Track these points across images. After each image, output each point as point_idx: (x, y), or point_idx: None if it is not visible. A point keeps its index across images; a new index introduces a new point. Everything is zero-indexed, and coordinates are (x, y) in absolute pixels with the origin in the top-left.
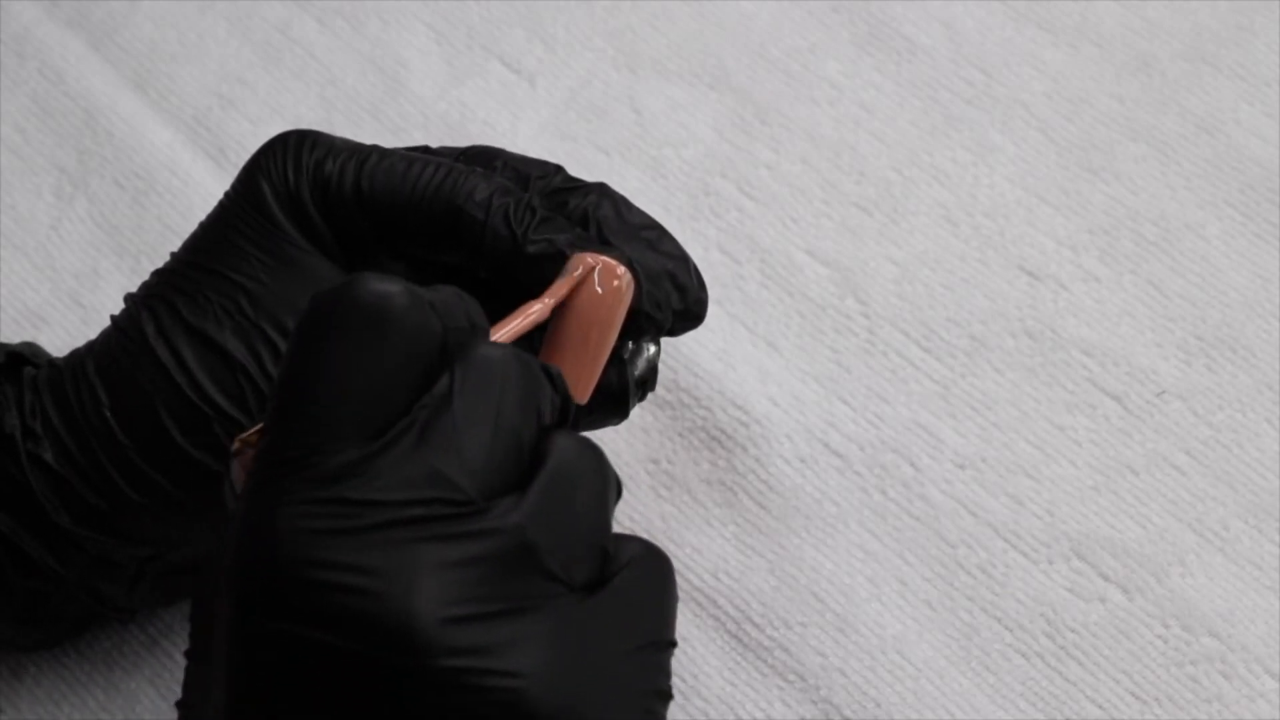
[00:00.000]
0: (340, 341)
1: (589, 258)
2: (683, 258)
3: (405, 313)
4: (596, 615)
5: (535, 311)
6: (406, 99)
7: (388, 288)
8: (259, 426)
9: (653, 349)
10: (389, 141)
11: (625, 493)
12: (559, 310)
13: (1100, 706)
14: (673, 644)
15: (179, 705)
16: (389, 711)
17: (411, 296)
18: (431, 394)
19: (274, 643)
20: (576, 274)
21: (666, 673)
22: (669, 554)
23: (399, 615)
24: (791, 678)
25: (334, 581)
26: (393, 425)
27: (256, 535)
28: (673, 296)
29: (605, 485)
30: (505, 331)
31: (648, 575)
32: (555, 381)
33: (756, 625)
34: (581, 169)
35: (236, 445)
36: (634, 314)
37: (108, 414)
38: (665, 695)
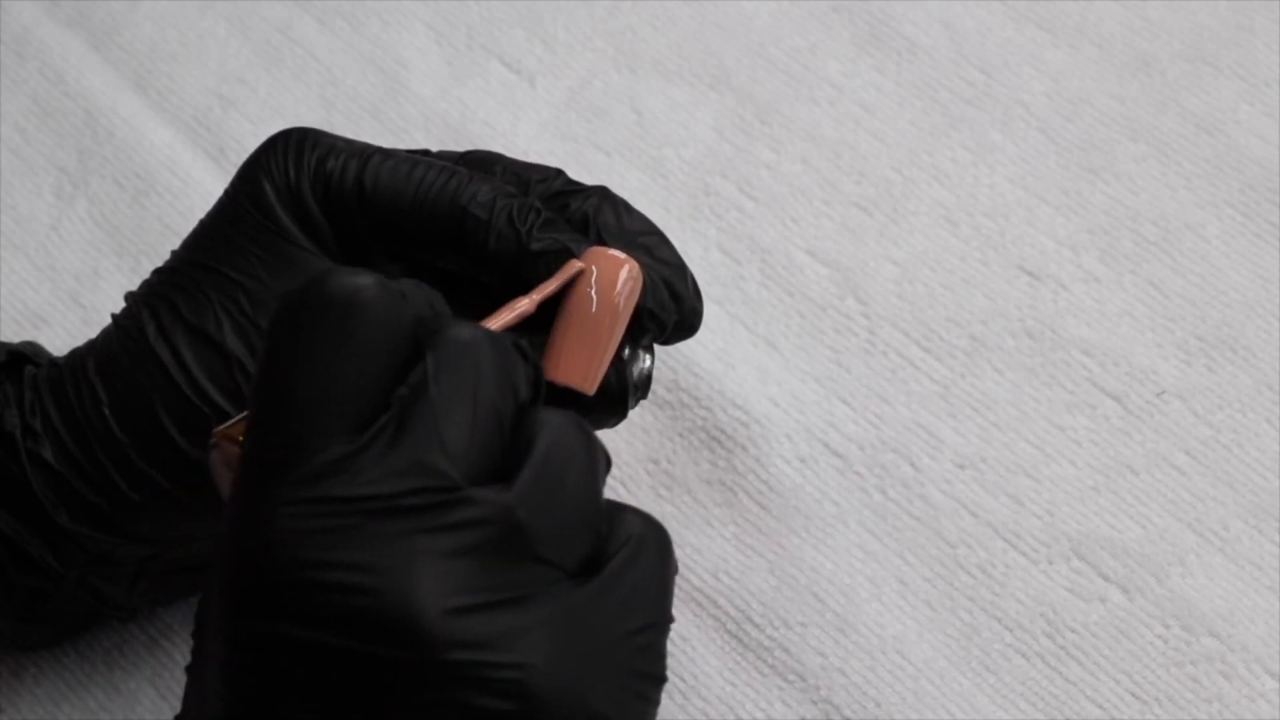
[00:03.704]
0: (315, 337)
1: (599, 249)
2: (680, 266)
3: (377, 304)
4: (595, 600)
5: (522, 306)
6: (406, 99)
7: (358, 280)
8: (237, 419)
9: (648, 360)
10: (389, 142)
11: (626, 492)
12: (570, 299)
13: (1100, 706)
14: (670, 621)
15: (188, 670)
16: (394, 707)
17: (382, 287)
18: (408, 382)
19: (274, 646)
20: (572, 273)
21: (662, 655)
22: None
23: (400, 610)
24: (791, 678)
25: (331, 581)
26: (373, 417)
27: (249, 539)
28: (669, 304)
29: (594, 460)
30: (490, 325)
31: (645, 555)
32: (527, 355)
33: (756, 625)
34: (582, 169)
35: (214, 438)
36: (638, 311)
37: (107, 413)
38: (660, 679)
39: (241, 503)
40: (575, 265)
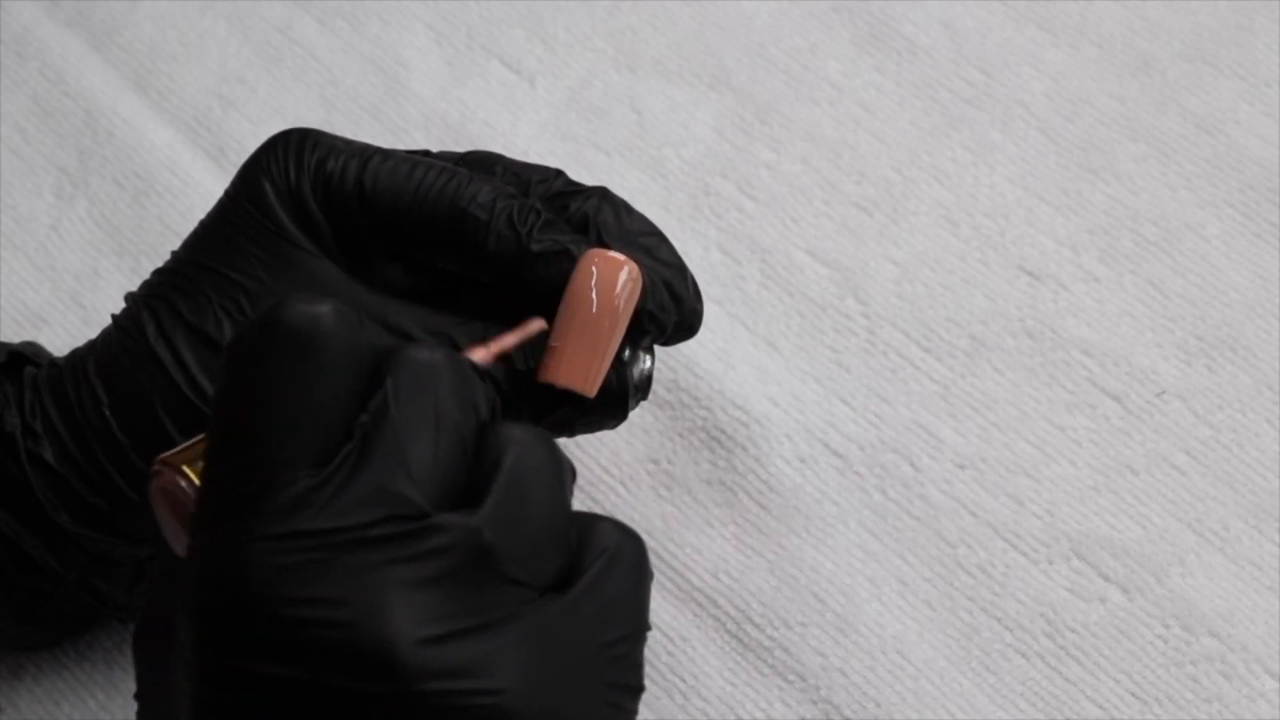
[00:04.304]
0: (275, 367)
1: (598, 251)
2: (680, 267)
3: (336, 331)
4: (568, 616)
5: (478, 356)
6: (406, 99)
7: (316, 308)
8: (183, 446)
9: (648, 361)
10: (389, 142)
11: (626, 492)
12: (570, 301)
13: (1100, 706)
14: (647, 630)
15: (137, 697)
16: None
17: (339, 314)
18: (369, 408)
19: (247, 682)
20: (526, 329)
21: (639, 665)
22: (669, 554)
23: (375, 642)
24: (791, 678)
25: (304, 616)
26: (337, 446)
27: (218, 575)
28: (669, 305)
29: (560, 473)
30: (505, 340)
31: (620, 565)
32: (483, 374)
33: (756, 625)
34: (582, 169)
35: (157, 465)
36: (638, 313)
37: (107, 413)
38: (638, 689)
39: (208, 537)
40: (597, 255)
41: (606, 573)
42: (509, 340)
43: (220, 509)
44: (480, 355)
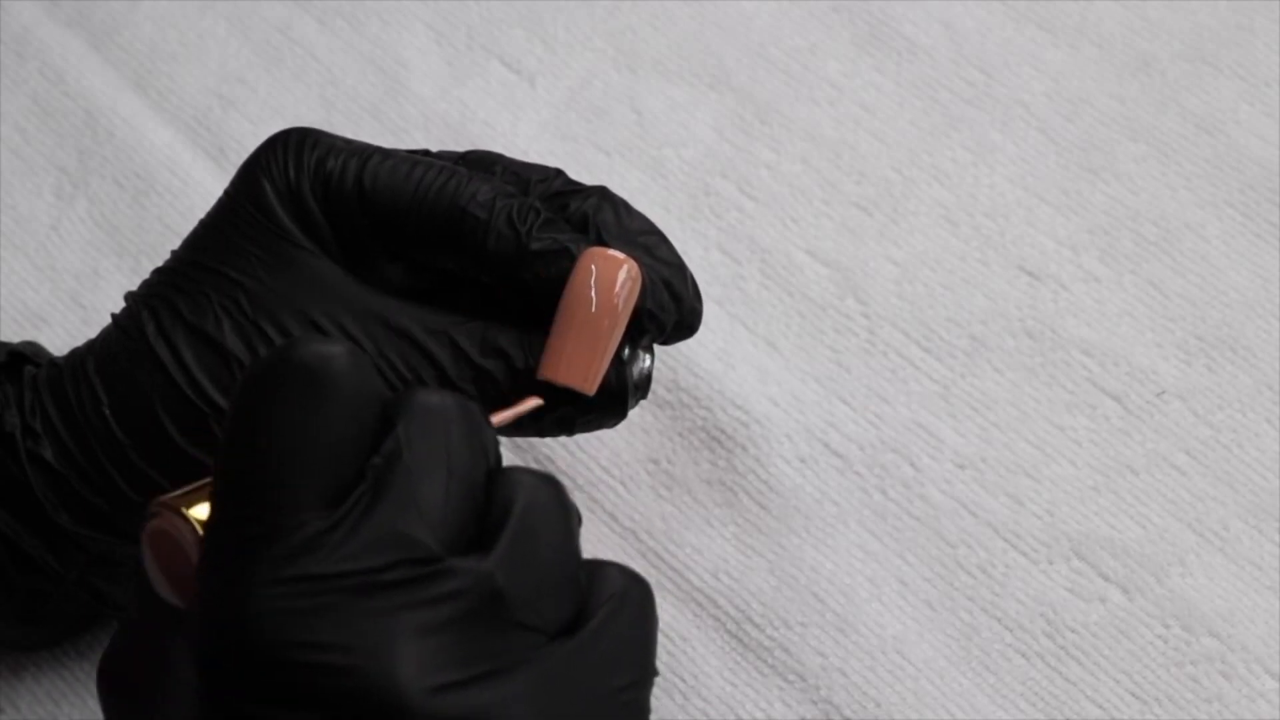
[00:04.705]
0: (287, 407)
1: (598, 250)
2: (679, 266)
3: (349, 373)
4: (577, 660)
5: (532, 404)
6: (406, 99)
7: (329, 349)
8: (182, 491)
9: (648, 360)
10: (389, 142)
11: (625, 492)
12: (570, 299)
13: (1100, 706)
14: (654, 675)
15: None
16: None
17: (353, 356)
18: (381, 451)
19: None
20: (523, 406)
21: (646, 710)
22: (669, 554)
23: (385, 691)
24: (791, 678)
25: (313, 661)
26: (348, 488)
27: (226, 617)
28: (669, 304)
29: (569, 518)
30: (505, 415)
31: (627, 610)
32: (489, 420)
33: (756, 625)
34: (582, 169)
35: (155, 507)
36: (638, 311)
37: (107, 413)
38: None
39: (215, 578)
40: (596, 253)
41: (614, 617)
42: (506, 416)
43: (227, 550)
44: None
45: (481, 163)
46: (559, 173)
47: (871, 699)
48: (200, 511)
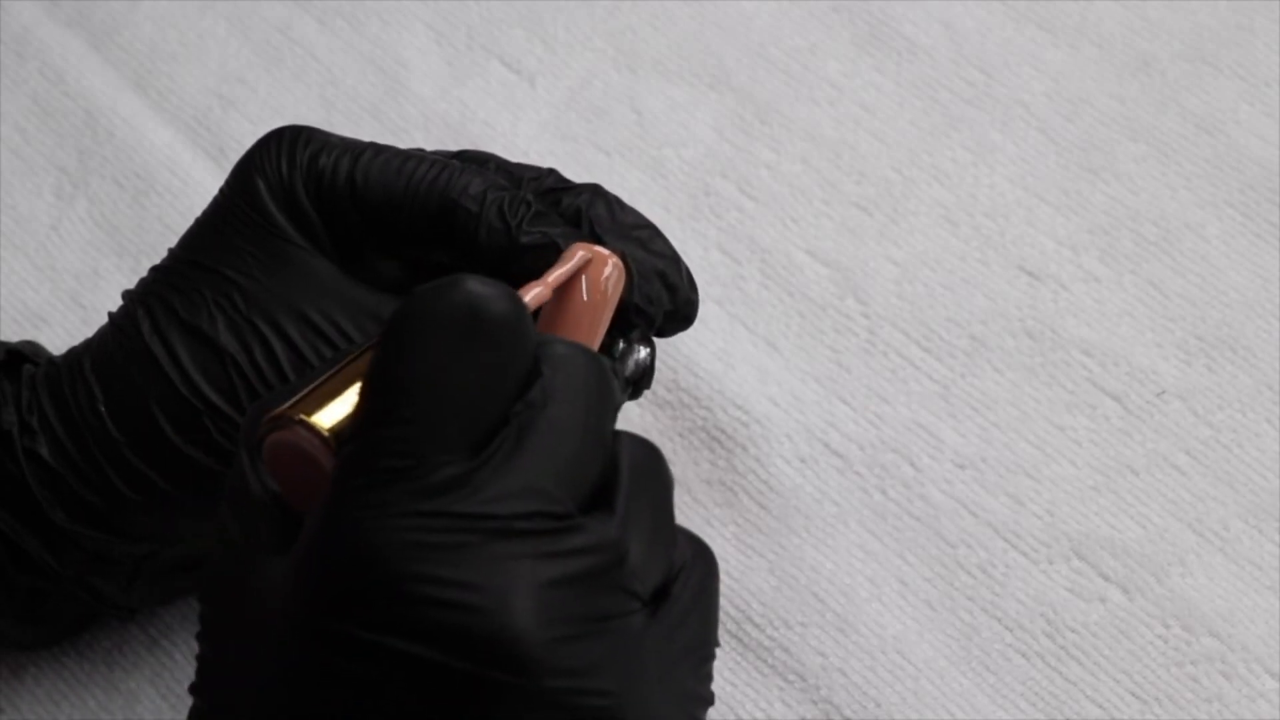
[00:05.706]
0: (440, 345)
1: (581, 248)
2: (674, 257)
3: (505, 317)
4: (663, 629)
5: (534, 294)
6: (406, 99)
7: (489, 290)
8: (292, 401)
9: (645, 351)
10: (389, 142)
11: None
12: (555, 292)
13: (1100, 706)
14: (717, 646)
15: (193, 690)
16: None
17: (510, 299)
18: (526, 400)
19: (364, 652)
20: (580, 259)
21: (711, 678)
22: None
23: (505, 633)
24: (791, 678)
25: (439, 597)
26: (491, 433)
27: (353, 545)
28: (663, 296)
29: (671, 487)
30: (558, 272)
31: (700, 582)
32: (618, 374)
33: (756, 625)
34: (581, 169)
35: (274, 418)
36: (624, 307)
37: (102, 410)
38: (709, 701)
39: (347, 505)
40: (581, 251)
41: (690, 590)
42: (561, 273)
43: (367, 477)
44: (535, 293)
45: (474, 162)
46: (552, 171)
47: (871, 699)
48: (323, 419)
